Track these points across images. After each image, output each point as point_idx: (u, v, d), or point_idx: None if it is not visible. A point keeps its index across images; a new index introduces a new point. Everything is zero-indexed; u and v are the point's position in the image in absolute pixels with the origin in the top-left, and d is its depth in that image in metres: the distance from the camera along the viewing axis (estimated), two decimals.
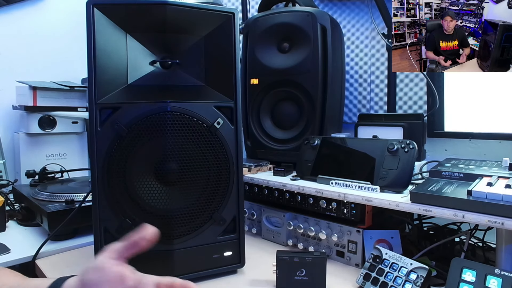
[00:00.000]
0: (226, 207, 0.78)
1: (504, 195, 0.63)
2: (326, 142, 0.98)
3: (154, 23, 0.74)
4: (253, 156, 1.21)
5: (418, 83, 1.22)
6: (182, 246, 0.75)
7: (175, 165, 0.72)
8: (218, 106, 0.77)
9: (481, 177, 0.75)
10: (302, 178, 0.96)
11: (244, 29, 1.19)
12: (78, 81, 1.56)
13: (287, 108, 1.15)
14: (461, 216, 0.66)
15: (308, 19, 1.08)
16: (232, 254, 0.80)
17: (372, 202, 0.78)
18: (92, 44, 0.70)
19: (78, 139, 1.48)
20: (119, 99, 0.72)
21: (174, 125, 0.72)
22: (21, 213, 1.08)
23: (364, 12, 1.34)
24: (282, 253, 0.74)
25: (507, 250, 0.70)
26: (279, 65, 1.13)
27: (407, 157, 0.82)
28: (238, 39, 0.78)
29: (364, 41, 1.35)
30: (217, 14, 0.77)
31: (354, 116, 1.38)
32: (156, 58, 0.77)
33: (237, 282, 0.77)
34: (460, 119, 1.01)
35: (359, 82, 1.37)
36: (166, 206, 0.73)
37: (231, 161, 0.78)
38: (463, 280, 0.62)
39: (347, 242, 0.86)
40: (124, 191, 0.71)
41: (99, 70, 0.70)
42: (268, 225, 1.02)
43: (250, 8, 1.50)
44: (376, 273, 0.72)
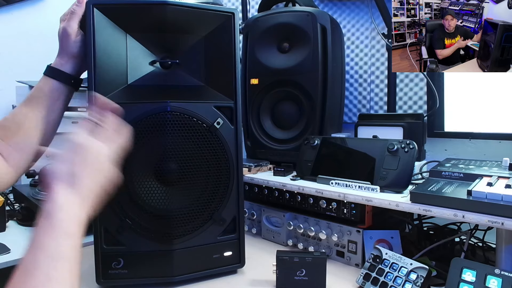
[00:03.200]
0: (226, 207, 0.78)
1: (504, 195, 0.63)
2: (326, 142, 0.98)
3: (154, 23, 0.74)
4: (253, 156, 1.21)
5: (418, 83, 1.22)
6: (182, 246, 0.75)
7: (175, 165, 0.72)
8: (218, 106, 0.77)
9: (481, 177, 0.75)
10: (302, 178, 0.96)
11: (244, 29, 1.19)
12: None
13: (287, 108, 1.15)
14: (461, 216, 0.66)
15: (308, 19, 1.08)
16: (232, 254, 0.80)
17: (372, 202, 0.78)
18: (92, 44, 0.70)
19: None
20: (119, 99, 0.71)
21: (174, 125, 0.72)
22: (21, 213, 1.08)
23: (364, 12, 1.34)
24: (282, 253, 0.74)
25: (507, 250, 0.70)
26: (279, 65, 1.13)
27: (407, 157, 0.82)
28: (238, 39, 0.78)
29: (364, 41, 1.35)
30: (217, 14, 0.77)
31: (354, 116, 1.38)
32: (156, 58, 0.77)
33: (237, 282, 0.77)
34: (460, 119, 1.01)
35: (359, 82, 1.37)
36: (166, 206, 0.73)
37: (231, 161, 0.78)
38: (463, 280, 0.62)
39: (347, 242, 0.86)
40: (124, 191, 0.71)
41: (99, 70, 0.70)
42: (268, 225, 1.02)
43: (250, 8, 1.50)
44: (376, 273, 0.72)
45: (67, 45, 0.71)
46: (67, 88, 0.73)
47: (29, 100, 0.71)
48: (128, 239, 0.73)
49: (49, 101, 0.71)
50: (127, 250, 0.73)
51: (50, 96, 0.71)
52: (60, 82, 0.72)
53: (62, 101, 0.73)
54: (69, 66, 0.72)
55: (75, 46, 0.71)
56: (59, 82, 0.72)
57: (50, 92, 0.71)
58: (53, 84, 0.71)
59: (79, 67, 0.74)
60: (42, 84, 0.71)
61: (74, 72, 0.73)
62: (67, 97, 0.74)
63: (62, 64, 0.72)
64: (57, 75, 0.72)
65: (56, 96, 0.72)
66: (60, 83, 0.72)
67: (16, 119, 0.70)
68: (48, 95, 0.71)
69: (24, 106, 0.71)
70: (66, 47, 0.72)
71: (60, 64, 0.72)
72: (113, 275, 0.72)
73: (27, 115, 0.69)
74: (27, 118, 0.69)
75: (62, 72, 0.72)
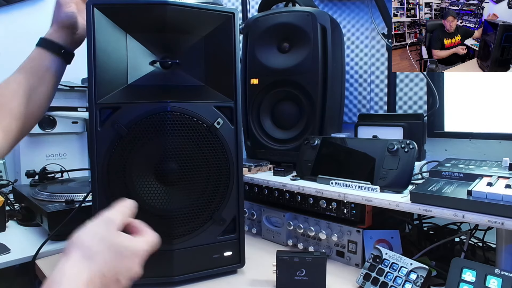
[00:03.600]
0: (226, 207, 0.78)
1: (504, 195, 0.63)
2: (326, 142, 0.98)
3: (154, 23, 0.74)
4: (253, 156, 1.21)
5: (418, 83, 1.22)
6: (182, 246, 0.75)
7: (175, 165, 0.72)
8: (218, 106, 0.77)
9: (481, 177, 0.75)
10: (302, 178, 0.96)
11: (244, 29, 1.19)
12: (78, 81, 1.55)
13: (287, 108, 1.15)
14: (461, 216, 0.66)
15: (308, 19, 1.08)
16: (232, 254, 0.80)
17: (372, 202, 0.78)
18: (92, 44, 0.70)
19: (78, 139, 1.48)
20: (119, 99, 0.72)
21: (174, 125, 0.72)
22: (21, 213, 1.08)
23: (364, 12, 1.34)
24: (282, 253, 0.74)
25: (507, 250, 0.70)
26: (279, 65, 1.12)
27: (407, 157, 0.82)
28: (238, 39, 0.78)
29: (364, 41, 1.35)
30: (217, 14, 0.77)
31: (354, 116, 1.38)
32: (156, 58, 0.77)
33: (237, 282, 0.77)
34: (460, 119, 1.01)
35: (359, 82, 1.37)
36: (166, 206, 0.73)
37: (231, 161, 0.78)
38: (463, 280, 0.62)
39: (347, 242, 0.86)
40: (124, 191, 0.71)
41: (99, 70, 0.70)
42: (268, 225, 1.02)
43: (250, 8, 1.50)
44: (376, 273, 0.72)
45: (58, 15, 0.73)
46: (57, 59, 0.74)
47: (21, 68, 0.73)
48: None
49: (41, 72, 0.73)
50: None
51: (40, 64, 0.73)
52: (49, 51, 0.73)
53: (53, 73, 0.74)
54: (59, 36, 0.74)
55: (65, 17, 0.73)
56: (48, 52, 0.73)
57: (42, 62, 0.73)
58: (45, 54, 0.73)
59: (70, 39, 0.75)
60: (34, 54, 0.74)
61: (65, 43, 0.74)
62: (58, 70, 0.75)
63: (51, 34, 0.74)
64: (46, 45, 0.74)
65: (46, 65, 0.73)
66: (49, 52, 0.73)
67: (9, 87, 0.71)
68: (40, 65, 0.73)
69: (18, 74, 0.72)
70: (57, 17, 0.74)
71: (49, 34, 0.74)
72: None
73: (20, 83, 0.71)
74: (21, 86, 0.71)
75: (51, 41, 0.74)
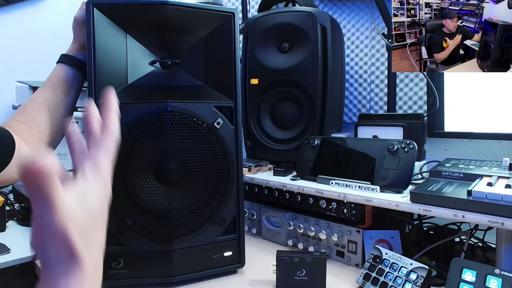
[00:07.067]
0: (226, 207, 0.78)
1: (504, 195, 0.63)
2: (326, 142, 0.98)
3: (154, 23, 0.74)
4: (253, 156, 1.21)
5: (418, 83, 1.22)
6: (182, 246, 0.75)
7: (175, 165, 0.72)
8: (218, 106, 0.77)
9: (481, 177, 0.75)
10: (302, 178, 0.96)
11: (244, 29, 1.19)
12: None
13: (287, 108, 1.15)
14: (461, 216, 0.66)
15: (308, 19, 1.08)
16: (232, 254, 0.80)
17: (372, 202, 0.78)
18: (92, 44, 0.70)
19: None
20: (119, 99, 0.71)
21: (174, 125, 0.72)
22: (21, 213, 1.08)
23: (364, 12, 1.34)
24: (282, 253, 0.74)
25: (507, 250, 0.70)
26: (279, 65, 1.12)
27: (407, 157, 0.82)
28: (238, 39, 0.78)
29: (364, 41, 1.35)
30: (217, 14, 0.77)
31: (354, 116, 1.38)
32: (156, 58, 0.77)
33: (237, 282, 0.77)
34: (460, 119, 1.01)
35: (359, 82, 1.37)
36: (166, 206, 0.73)
37: (231, 161, 0.77)
38: (463, 280, 0.62)
39: (347, 242, 0.86)
40: (124, 191, 0.71)
41: (99, 70, 0.70)
42: (268, 225, 1.02)
43: (250, 8, 1.50)
44: (376, 273, 0.72)
45: (78, 34, 0.76)
46: (79, 74, 0.77)
47: (46, 85, 0.75)
48: (128, 239, 0.72)
49: (65, 86, 0.75)
50: (127, 250, 0.73)
51: (66, 81, 0.75)
52: (73, 68, 0.76)
53: (75, 87, 0.77)
54: (80, 53, 0.77)
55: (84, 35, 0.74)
56: (72, 68, 0.76)
57: (65, 77, 0.75)
58: (68, 70, 0.76)
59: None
60: (57, 71, 0.76)
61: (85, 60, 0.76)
62: (80, 84, 0.78)
63: (74, 51, 0.77)
64: (71, 61, 0.76)
65: (70, 81, 0.76)
66: (73, 69, 0.76)
67: (35, 103, 0.73)
68: (63, 80, 0.75)
69: (42, 91, 0.74)
70: (77, 36, 0.76)
71: (72, 51, 0.77)
72: (113, 275, 0.72)
73: (46, 99, 0.73)
74: (46, 101, 0.73)
75: (75, 58, 0.76)
